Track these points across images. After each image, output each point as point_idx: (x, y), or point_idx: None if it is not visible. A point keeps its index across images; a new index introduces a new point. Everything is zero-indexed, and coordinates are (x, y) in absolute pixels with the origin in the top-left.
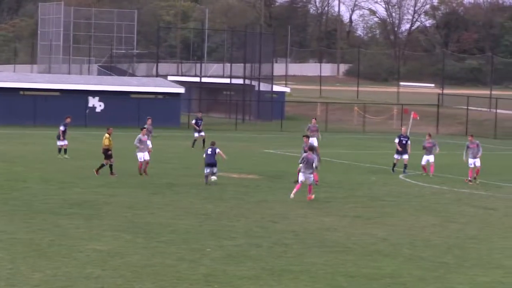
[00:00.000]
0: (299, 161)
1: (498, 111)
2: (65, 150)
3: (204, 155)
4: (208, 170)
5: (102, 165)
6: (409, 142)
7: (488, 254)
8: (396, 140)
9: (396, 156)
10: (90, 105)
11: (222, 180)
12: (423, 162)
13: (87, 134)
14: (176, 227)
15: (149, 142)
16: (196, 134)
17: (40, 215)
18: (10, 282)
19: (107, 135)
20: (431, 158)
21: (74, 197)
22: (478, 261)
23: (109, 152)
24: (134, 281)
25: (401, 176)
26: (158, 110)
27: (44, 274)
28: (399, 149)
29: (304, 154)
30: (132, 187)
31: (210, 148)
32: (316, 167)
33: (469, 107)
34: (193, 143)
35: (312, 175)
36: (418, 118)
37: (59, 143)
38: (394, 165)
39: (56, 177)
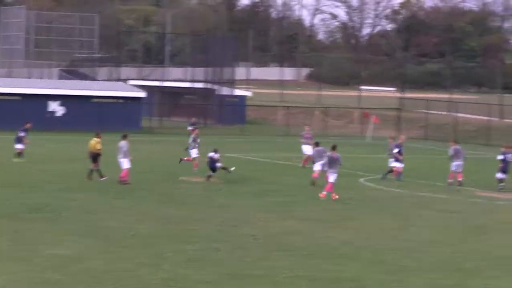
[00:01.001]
0: (323, 163)
1: (458, 114)
2: (20, 154)
3: (207, 158)
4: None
5: (98, 170)
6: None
7: (449, 257)
8: (396, 150)
9: (399, 164)
10: (50, 109)
11: (183, 184)
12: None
13: (47, 138)
14: (137, 232)
15: (195, 151)
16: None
17: None
18: None
19: (98, 139)
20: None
21: (34, 202)
22: (438, 264)
23: (99, 157)
24: (95, 286)
25: (362, 179)
26: (119, 114)
27: (3, 279)
28: (399, 157)
29: (328, 154)
30: (93, 191)
31: (212, 152)
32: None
33: (429, 111)
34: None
35: (336, 174)
36: (378, 122)
37: (18, 146)
38: (396, 172)
39: (15, 182)
